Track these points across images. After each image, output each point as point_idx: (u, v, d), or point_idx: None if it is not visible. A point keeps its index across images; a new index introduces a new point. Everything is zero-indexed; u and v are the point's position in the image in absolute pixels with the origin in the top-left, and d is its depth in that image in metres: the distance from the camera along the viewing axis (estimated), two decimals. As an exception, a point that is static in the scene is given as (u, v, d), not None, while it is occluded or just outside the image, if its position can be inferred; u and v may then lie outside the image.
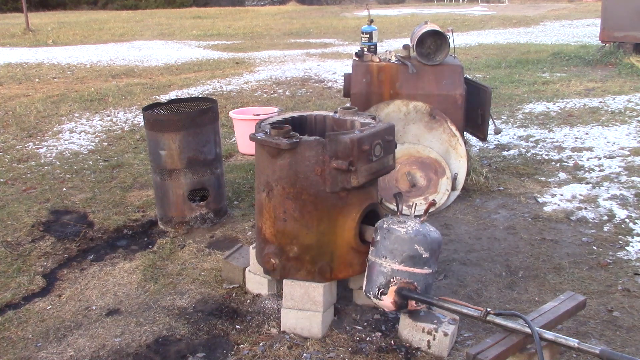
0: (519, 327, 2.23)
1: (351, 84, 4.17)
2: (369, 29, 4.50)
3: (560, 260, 3.34)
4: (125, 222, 3.99)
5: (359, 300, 2.90)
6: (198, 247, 3.61)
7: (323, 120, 3.02)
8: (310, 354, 2.55)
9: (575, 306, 2.42)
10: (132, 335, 2.73)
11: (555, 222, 3.84)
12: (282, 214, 2.66)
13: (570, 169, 4.75)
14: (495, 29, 14.91)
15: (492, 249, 3.51)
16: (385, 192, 3.94)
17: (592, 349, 2.09)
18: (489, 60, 9.84)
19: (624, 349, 2.56)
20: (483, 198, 4.25)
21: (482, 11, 20.40)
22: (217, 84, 8.58)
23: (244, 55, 11.41)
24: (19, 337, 2.77)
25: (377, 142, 2.61)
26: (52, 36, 14.88)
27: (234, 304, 2.96)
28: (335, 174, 2.55)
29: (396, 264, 2.48)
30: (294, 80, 8.66)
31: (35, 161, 5.36)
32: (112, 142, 5.93)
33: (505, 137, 5.64)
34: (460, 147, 4.05)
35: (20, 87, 8.73)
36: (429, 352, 2.54)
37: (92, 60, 11.14)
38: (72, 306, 3.03)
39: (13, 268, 3.41)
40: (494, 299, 2.97)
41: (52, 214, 4.13)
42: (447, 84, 4.05)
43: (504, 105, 6.85)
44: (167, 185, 3.78)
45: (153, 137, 3.75)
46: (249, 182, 4.67)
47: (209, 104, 3.95)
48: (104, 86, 8.61)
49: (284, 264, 2.71)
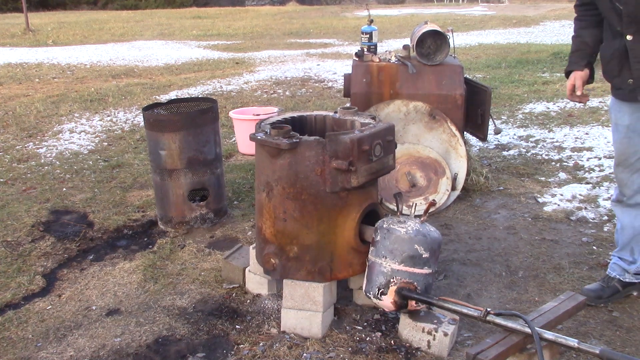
0: (519, 327, 2.23)
1: (351, 84, 4.17)
2: (369, 29, 4.50)
3: (560, 260, 3.34)
4: (125, 222, 4.00)
5: (359, 300, 2.90)
6: (198, 247, 3.61)
7: (323, 120, 3.02)
8: (310, 354, 2.55)
9: (575, 306, 2.42)
10: (132, 335, 2.73)
11: (555, 222, 3.84)
12: (282, 214, 2.66)
13: (570, 169, 4.75)
14: (495, 29, 14.91)
15: (492, 249, 3.51)
16: (385, 192, 3.94)
17: (592, 349, 2.09)
18: (489, 60, 9.84)
19: (624, 349, 2.56)
20: (483, 198, 4.25)
21: (482, 11, 20.41)
22: (217, 84, 8.58)
23: (244, 55, 11.41)
24: (19, 337, 2.77)
25: (377, 142, 2.61)
26: (52, 36, 14.88)
27: (234, 304, 2.96)
28: (335, 174, 2.55)
29: (396, 264, 2.48)
30: (294, 80, 8.66)
31: (35, 161, 5.36)
32: (112, 142, 5.94)
33: (505, 137, 5.64)
34: (460, 147, 4.05)
35: (20, 87, 8.73)
36: (429, 352, 2.54)
37: (92, 60, 11.14)
38: (72, 306, 3.03)
39: (13, 268, 3.41)
40: (494, 299, 2.98)
41: (52, 214, 4.13)
42: (447, 84, 4.05)
43: (504, 105, 6.85)
44: (167, 185, 3.78)
45: (153, 137, 3.76)
46: (249, 182, 4.67)
47: (209, 104, 3.95)
48: (104, 86, 8.61)
49: (284, 264, 2.71)
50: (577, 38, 2.82)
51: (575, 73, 2.78)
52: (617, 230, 2.93)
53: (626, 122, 2.69)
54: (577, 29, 2.82)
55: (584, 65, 2.77)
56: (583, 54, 2.78)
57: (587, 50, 2.77)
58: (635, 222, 2.82)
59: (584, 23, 2.79)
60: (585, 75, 2.77)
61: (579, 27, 2.81)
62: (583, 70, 2.77)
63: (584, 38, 2.78)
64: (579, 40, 2.80)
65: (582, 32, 2.79)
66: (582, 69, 2.77)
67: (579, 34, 2.81)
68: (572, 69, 2.81)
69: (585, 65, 2.77)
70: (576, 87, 2.78)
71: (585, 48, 2.77)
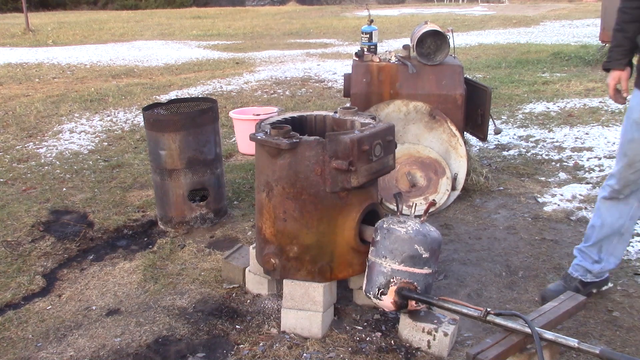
0: (519, 327, 2.23)
1: (351, 84, 4.17)
2: (369, 29, 4.50)
3: (560, 260, 3.34)
4: (125, 222, 3.99)
5: (359, 300, 2.90)
6: (198, 247, 3.61)
7: (323, 120, 3.02)
8: (310, 354, 2.55)
9: (575, 306, 2.42)
10: (132, 335, 2.73)
11: (555, 222, 3.84)
12: (282, 214, 2.66)
13: (570, 169, 4.75)
14: (495, 29, 14.91)
15: (492, 249, 3.51)
16: (385, 192, 3.94)
17: (592, 349, 2.09)
18: (489, 60, 9.84)
19: (624, 349, 2.56)
20: (483, 198, 4.25)
21: (482, 11, 20.41)
22: (217, 84, 8.58)
23: (244, 55, 11.41)
24: (19, 337, 2.77)
25: (377, 142, 2.61)
26: (52, 36, 14.88)
27: (234, 304, 2.96)
28: (335, 174, 2.55)
29: (396, 264, 2.48)
30: (294, 80, 8.66)
31: (35, 161, 5.36)
32: (112, 142, 5.94)
33: (505, 137, 5.64)
34: (460, 147, 4.05)
35: (20, 87, 8.73)
36: (429, 352, 2.54)
37: (92, 60, 11.14)
38: (72, 306, 3.03)
39: (13, 268, 3.41)
40: (494, 299, 2.97)
41: (52, 214, 4.13)
42: (447, 84, 4.05)
43: (504, 105, 6.85)
44: (167, 185, 3.78)
45: (153, 137, 3.76)
46: (249, 182, 4.67)
47: (209, 104, 3.95)
48: (104, 86, 8.61)
49: (284, 264, 2.71)
50: (619, 32, 2.61)
51: (619, 73, 2.62)
52: (594, 226, 2.86)
53: None
54: (620, 22, 2.61)
55: (625, 64, 2.62)
56: (625, 51, 2.60)
57: (629, 45, 2.59)
58: (615, 223, 2.78)
59: (629, 16, 2.57)
60: (628, 75, 2.62)
61: (623, 20, 2.59)
62: (625, 69, 2.62)
63: (627, 33, 2.58)
64: (622, 36, 2.60)
65: (626, 26, 2.58)
66: (624, 67, 2.62)
67: (622, 28, 2.60)
68: (613, 67, 2.64)
69: (627, 63, 2.62)
70: (622, 89, 2.63)
71: (627, 44, 2.59)
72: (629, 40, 2.59)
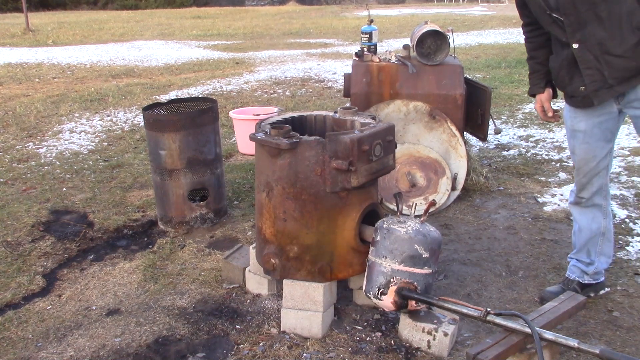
0: (519, 327, 2.23)
1: (351, 84, 4.17)
2: (369, 29, 4.50)
3: (560, 260, 3.34)
4: (125, 222, 3.99)
5: (359, 300, 2.90)
6: (198, 247, 3.61)
7: (323, 120, 3.02)
8: (310, 354, 2.55)
9: (575, 306, 2.42)
10: (132, 335, 2.73)
11: (555, 222, 3.84)
12: (282, 214, 2.66)
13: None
14: (495, 29, 14.91)
15: (492, 249, 3.51)
16: (385, 192, 3.94)
17: (592, 349, 2.09)
18: (489, 60, 9.84)
19: (624, 349, 2.56)
20: (483, 198, 4.25)
21: (482, 11, 20.41)
22: (217, 84, 8.58)
23: (244, 55, 11.41)
24: (19, 337, 2.77)
25: (377, 142, 2.61)
26: (52, 36, 14.88)
27: (234, 304, 2.96)
28: (335, 174, 2.55)
29: (396, 264, 2.48)
30: (294, 80, 8.66)
31: (35, 161, 5.36)
32: (112, 142, 5.94)
33: (505, 137, 5.64)
34: (460, 147, 4.05)
35: (20, 87, 8.73)
36: (429, 352, 2.54)
37: (92, 60, 11.14)
38: (72, 306, 3.03)
39: (13, 268, 3.41)
40: (494, 299, 2.98)
41: (52, 214, 4.13)
42: (447, 84, 4.05)
43: (504, 105, 6.85)
44: (167, 185, 3.78)
45: (153, 137, 3.76)
46: (249, 182, 4.67)
47: (209, 104, 3.95)
48: (104, 86, 8.61)
49: (284, 264, 2.71)
50: (531, 60, 2.85)
51: (540, 96, 2.84)
52: (574, 232, 2.98)
53: (583, 128, 2.73)
54: (529, 51, 2.85)
55: (544, 87, 2.82)
56: (541, 75, 2.82)
57: (543, 70, 2.80)
58: (592, 225, 2.86)
59: (534, 44, 2.81)
60: (548, 96, 2.84)
61: (530, 48, 2.84)
62: (545, 92, 2.83)
63: (538, 59, 2.81)
64: (534, 62, 2.84)
65: (535, 54, 2.82)
66: (543, 90, 2.83)
67: (532, 56, 2.84)
68: (534, 92, 2.86)
69: (545, 85, 2.82)
70: (545, 109, 2.85)
71: (541, 69, 2.81)
72: (541, 65, 2.81)
